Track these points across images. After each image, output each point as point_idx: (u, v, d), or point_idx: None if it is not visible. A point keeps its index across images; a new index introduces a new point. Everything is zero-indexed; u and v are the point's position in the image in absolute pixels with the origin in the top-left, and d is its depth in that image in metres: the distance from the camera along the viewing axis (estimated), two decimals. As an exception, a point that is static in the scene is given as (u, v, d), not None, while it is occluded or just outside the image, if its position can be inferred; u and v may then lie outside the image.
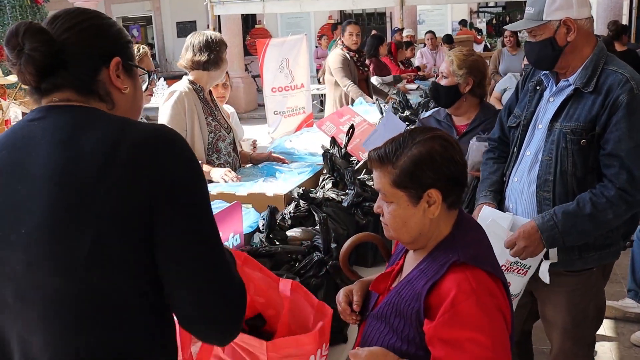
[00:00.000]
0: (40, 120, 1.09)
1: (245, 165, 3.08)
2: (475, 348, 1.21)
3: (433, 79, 2.91)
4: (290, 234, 2.03)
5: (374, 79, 6.67)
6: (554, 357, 2.24)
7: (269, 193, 2.31)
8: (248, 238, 2.03)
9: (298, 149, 3.22)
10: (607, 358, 3.19)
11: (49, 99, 1.12)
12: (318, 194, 2.31)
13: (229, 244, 1.84)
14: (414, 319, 1.31)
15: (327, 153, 2.56)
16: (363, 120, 3.31)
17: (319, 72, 9.37)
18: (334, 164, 2.50)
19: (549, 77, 2.09)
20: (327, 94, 5.88)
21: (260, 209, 2.12)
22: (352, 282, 1.63)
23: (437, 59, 9.54)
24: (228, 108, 3.63)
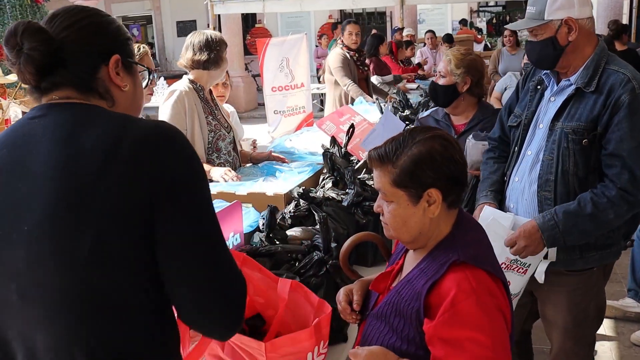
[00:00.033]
0: (41, 118, 1.09)
1: (245, 165, 3.07)
2: (475, 347, 1.21)
3: (432, 79, 2.92)
4: (290, 234, 2.03)
5: (374, 79, 6.66)
6: (554, 356, 2.24)
7: (269, 192, 2.31)
8: (248, 237, 2.03)
9: (298, 149, 3.22)
10: (607, 357, 3.19)
11: (49, 97, 1.12)
12: (318, 194, 2.31)
13: (229, 244, 1.84)
14: (414, 319, 1.30)
15: (327, 152, 2.56)
16: (363, 120, 3.30)
17: (319, 71, 9.37)
18: (334, 164, 2.49)
19: (550, 76, 2.09)
20: (326, 93, 5.87)
21: (260, 209, 2.12)
22: (352, 281, 1.62)
23: (437, 59, 9.53)
24: (228, 107, 3.63)
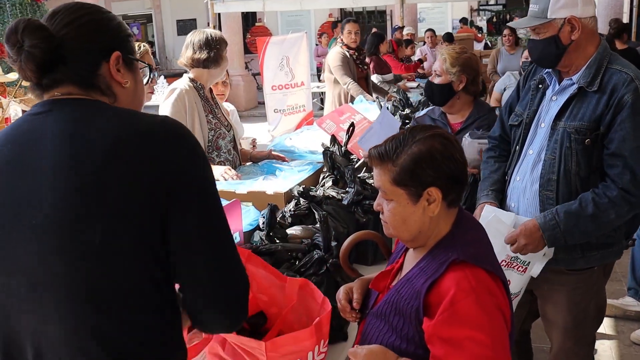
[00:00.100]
0: (45, 114, 1.09)
1: (245, 163, 3.07)
2: (475, 346, 1.21)
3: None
4: (291, 232, 2.03)
5: (374, 77, 6.66)
6: (554, 356, 2.23)
7: (269, 191, 2.31)
8: (248, 236, 2.03)
9: (298, 147, 3.22)
10: (607, 356, 3.19)
11: (51, 94, 1.12)
12: (318, 192, 2.31)
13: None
14: (414, 318, 1.30)
15: (327, 151, 2.56)
16: (363, 118, 3.30)
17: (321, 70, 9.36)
18: (334, 162, 2.49)
19: (552, 75, 2.08)
20: (326, 92, 5.87)
21: (261, 207, 2.12)
22: (352, 280, 1.62)
23: (437, 57, 9.50)
24: (228, 106, 3.63)
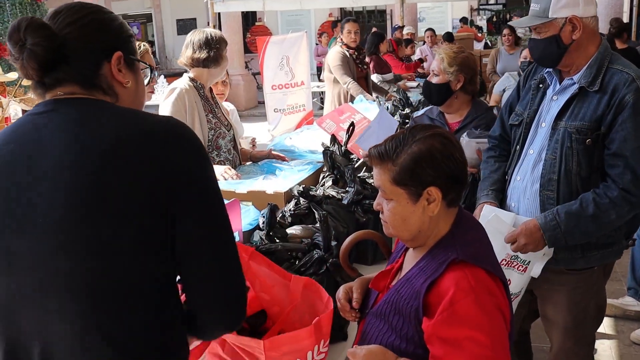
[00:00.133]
0: (49, 113, 1.10)
1: (245, 163, 3.07)
2: (474, 346, 1.21)
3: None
4: (291, 232, 2.03)
5: (374, 77, 6.66)
6: (554, 356, 2.23)
7: (269, 191, 2.31)
8: (248, 236, 2.03)
9: (298, 147, 3.22)
10: (606, 356, 3.19)
11: (53, 93, 1.13)
12: (318, 192, 2.31)
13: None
14: (413, 317, 1.30)
15: (327, 151, 2.56)
16: (363, 118, 3.30)
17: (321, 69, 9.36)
18: (334, 162, 2.49)
19: (552, 75, 2.07)
20: (326, 92, 5.87)
21: (260, 207, 2.12)
22: (352, 279, 1.62)
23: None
24: (228, 105, 3.63)
